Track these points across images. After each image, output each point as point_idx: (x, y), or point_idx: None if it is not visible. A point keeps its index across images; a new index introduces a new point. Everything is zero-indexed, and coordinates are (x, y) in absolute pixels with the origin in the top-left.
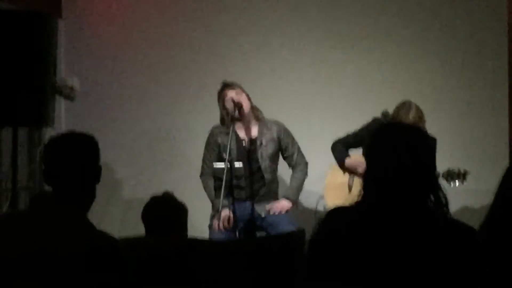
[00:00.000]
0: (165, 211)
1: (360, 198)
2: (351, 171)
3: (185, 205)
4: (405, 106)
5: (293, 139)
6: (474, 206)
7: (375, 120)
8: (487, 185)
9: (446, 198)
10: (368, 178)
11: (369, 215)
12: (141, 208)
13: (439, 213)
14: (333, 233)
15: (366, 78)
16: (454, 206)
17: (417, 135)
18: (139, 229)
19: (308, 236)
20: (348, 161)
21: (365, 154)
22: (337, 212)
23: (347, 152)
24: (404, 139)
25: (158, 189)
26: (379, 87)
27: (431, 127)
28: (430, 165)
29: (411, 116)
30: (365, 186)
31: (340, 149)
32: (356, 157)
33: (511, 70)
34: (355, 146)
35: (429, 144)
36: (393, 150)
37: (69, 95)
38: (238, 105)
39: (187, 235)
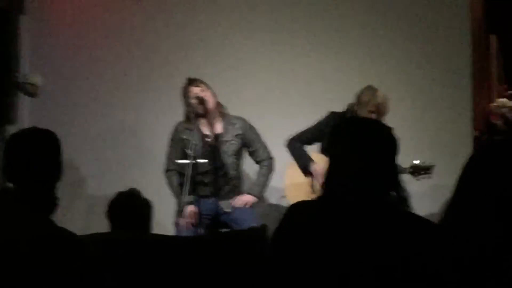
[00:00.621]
0: (131, 207)
1: (321, 192)
2: (315, 177)
3: (150, 202)
4: (371, 88)
5: (257, 134)
6: (437, 200)
7: (331, 114)
8: (451, 178)
9: (407, 193)
10: (330, 171)
11: (330, 209)
12: (105, 205)
13: (400, 207)
14: (295, 226)
15: (327, 74)
16: (418, 199)
17: (380, 130)
18: (104, 226)
19: (271, 231)
20: (313, 168)
21: (326, 148)
22: (300, 206)
23: (310, 156)
24: (366, 133)
25: (122, 186)
26: (341, 83)
27: (395, 122)
28: (392, 160)
29: (378, 97)
30: (327, 180)
31: (300, 150)
32: (320, 161)
33: (474, 64)
34: (312, 141)
35: (392, 139)
36: (355, 144)
37: (32, 92)
38: (202, 102)
39: (151, 231)
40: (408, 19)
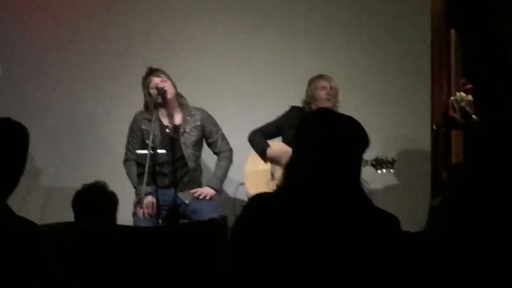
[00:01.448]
0: (98, 199)
1: (281, 183)
2: (273, 161)
3: (116, 195)
4: (325, 75)
5: (216, 125)
6: (393, 190)
7: (292, 108)
8: (409, 171)
9: (367, 189)
10: (293, 162)
11: (291, 200)
12: (62, 196)
13: (362, 201)
14: (256, 218)
15: (289, 67)
16: (376, 190)
17: (349, 124)
18: (60, 217)
19: (230, 223)
20: (270, 152)
21: (293, 138)
22: (260, 198)
23: (267, 142)
24: (333, 126)
25: (79, 177)
26: (302, 77)
27: (353, 115)
28: (358, 155)
29: (332, 82)
30: (289, 170)
31: (259, 139)
32: (278, 146)
33: (433, 57)
34: (274, 135)
35: (361, 135)
36: (321, 135)
37: None
38: (162, 92)
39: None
40: (368, 12)
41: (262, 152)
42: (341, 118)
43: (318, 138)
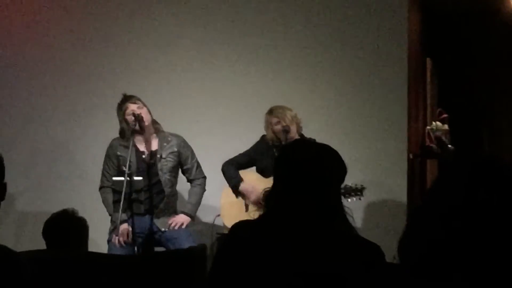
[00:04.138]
0: (68, 226)
1: (264, 211)
2: (244, 197)
3: (86, 222)
4: (274, 108)
5: (192, 152)
6: (370, 218)
7: (262, 139)
8: (385, 199)
9: (351, 217)
10: (274, 191)
11: (273, 228)
12: (37, 222)
13: (345, 229)
14: (237, 247)
15: (267, 92)
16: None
17: (326, 153)
18: (35, 242)
19: (208, 251)
20: (241, 187)
21: (272, 169)
22: (241, 227)
23: (239, 176)
24: (310, 156)
25: (54, 203)
26: (280, 102)
27: (330, 143)
28: (337, 185)
29: (281, 113)
30: (270, 199)
31: (232, 171)
32: (250, 180)
33: (410, 87)
34: (246, 166)
35: (339, 165)
36: (298, 166)
37: None
38: (139, 118)
39: (87, 250)
40: (346, 41)
41: (234, 187)
42: (318, 147)
43: (296, 168)
